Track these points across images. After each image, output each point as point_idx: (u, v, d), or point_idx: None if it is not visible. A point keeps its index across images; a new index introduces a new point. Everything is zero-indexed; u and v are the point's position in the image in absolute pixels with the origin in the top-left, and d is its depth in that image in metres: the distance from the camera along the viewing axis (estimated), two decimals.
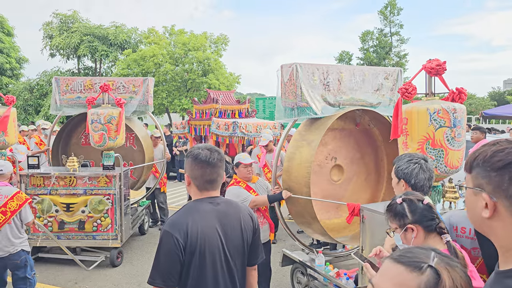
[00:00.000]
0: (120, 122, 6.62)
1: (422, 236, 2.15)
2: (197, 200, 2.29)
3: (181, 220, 2.18)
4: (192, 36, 25.71)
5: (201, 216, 2.20)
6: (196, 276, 2.15)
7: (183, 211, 2.25)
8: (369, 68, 5.43)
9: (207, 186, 2.27)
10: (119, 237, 6.28)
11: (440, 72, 3.50)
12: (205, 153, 2.24)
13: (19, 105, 25.56)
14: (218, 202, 2.30)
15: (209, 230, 2.18)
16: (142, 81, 7.71)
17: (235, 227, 2.29)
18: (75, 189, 6.21)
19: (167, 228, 2.15)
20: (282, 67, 5.01)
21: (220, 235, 2.22)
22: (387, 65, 34.54)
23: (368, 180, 5.79)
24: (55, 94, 7.75)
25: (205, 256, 2.15)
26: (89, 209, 6.20)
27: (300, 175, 4.86)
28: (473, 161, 1.21)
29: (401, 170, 2.73)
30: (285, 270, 5.84)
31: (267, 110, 22.18)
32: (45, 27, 27.89)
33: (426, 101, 3.53)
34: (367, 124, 5.74)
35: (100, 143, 6.59)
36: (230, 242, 2.25)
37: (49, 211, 6.20)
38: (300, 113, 4.85)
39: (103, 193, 6.22)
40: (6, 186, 4.61)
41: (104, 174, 6.22)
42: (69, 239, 6.25)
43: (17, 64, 25.27)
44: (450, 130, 3.36)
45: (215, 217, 2.23)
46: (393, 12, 35.80)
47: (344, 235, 5.29)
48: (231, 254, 2.26)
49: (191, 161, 2.26)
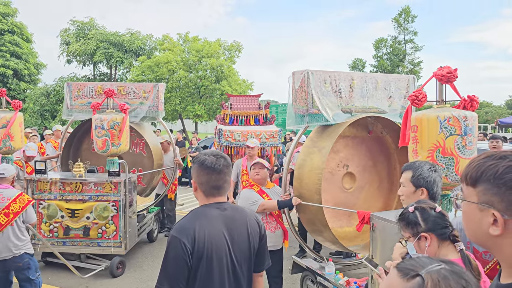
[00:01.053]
0: (123, 128, 6.53)
1: (436, 244, 2.13)
2: (204, 206, 2.29)
3: (188, 225, 2.17)
4: (206, 43, 25.93)
5: (208, 221, 2.20)
6: (203, 281, 2.15)
7: (191, 216, 2.25)
8: (381, 75, 5.41)
9: (214, 192, 2.27)
10: (123, 244, 6.14)
11: (451, 79, 3.46)
12: (211, 160, 2.24)
13: (35, 110, 26.01)
14: (225, 207, 2.30)
15: (216, 235, 2.18)
16: (153, 86, 7.66)
17: (242, 232, 2.29)
18: (81, 195, 6.12)
19: (175, 233, 2.15)
20: (293, 74, 5.03)
21: (227, 240, 2.22)
22: (400, 72, 34.34)
23: (380, 188, 5.73)
24: (67, 100, 7.77)
25: (212, 261, 2.15)
26: (94, 216, 6.10)
27: (311, 182, 4.84)
28: (479, 175, 1.15)
29: (423, 179, 2.68)
30: (294, 277, 5.81)
31: (279, 117, 22.20)
32: (63, 33, 28.45)
33: (437, 109, 3.50)
34: (379, 131, 5.70)
35: (103, 149, 6.53)
36: (236, 247, 2.25)
37: (55, 217, 6.13)
38: (311, 120, 4.85)
39: (108, 200, 6.11)
40: (8, 189, 4.66)
41: (110, 180, 6.12)
42: (75, 245, 6.17)
43: (35, 70, 25.76)
44: (461, 138, 3.32)
45: (222, 222, 2.23)
46: (407, 20, 35.65)
47: (356, 243, 5.24)
48: (238, 259, 2.25)
49: (197, 167, 2.27)
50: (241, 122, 7.84)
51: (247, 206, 4.52)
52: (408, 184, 2.74)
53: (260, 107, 8.13)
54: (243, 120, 7.87)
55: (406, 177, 2.76)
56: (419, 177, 2.69)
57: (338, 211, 5.19)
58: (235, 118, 7.94)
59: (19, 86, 24.64)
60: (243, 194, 4.76)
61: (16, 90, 24.47)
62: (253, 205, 4.57)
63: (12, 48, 23.93)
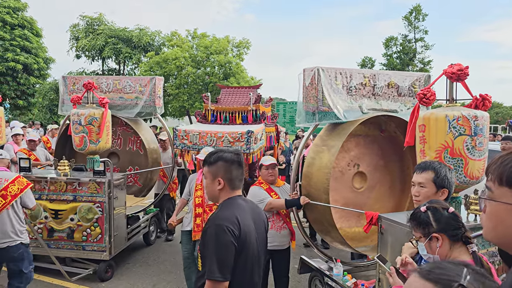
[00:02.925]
0: (102, 124, 6.08)
1: (448, 245, 2.09)
2: (232, 198, 2.37)
3: (229, 213, 2.24)
4: (214, 39, 25.93)
5: (242, 211, 2.30)
6: (240, 268, 2.21)
7: (226, 206, 2.32)
8: (395, 72, 5.27)
9: (239, 185, 2.41)
10: (107, 249, 5.65)
11: (462, 77, 3.35)
12: (233, 156, 2.38)
13: (45, 104, 26.16)
14: (245, 199, 2.46)
15: (248, 224, 2.28)
16: (149, 80, 7.16)
17: (261, 224, 2.43)
18: (65, 194, 5.66)
19: (219, 221, 2.18)
20: (304, 71, 4.94)
21: (255, 229, 2.33)
22: (410, 71, 34.11)
23: (392, 188, 5.62)
24: (63, 94, 7.36)
25: (248, 249, 2.23)
26: (78, 217, 5.65)
27: (319, 181, 4.77)
28: None
29: (447, 179, 2.62)
30: (299, 276, 5.74)
31: (287, 115, 22.19)
32: (72, 29, 28.55)
33: (446, 108, 3.40)
34: (393, 131, 5.58)
35: (80, 147, 6.11)
36: (260, 236, 2.38)
37: (38, 217, 5.72)
38: (321, 117, 4.76)
39: (93, 201, 5.64)
40: (5, 171, 4.49)
41: (93, 180, 5.63)
42: (59, 248, 5.74)
43: (44, 65, 25.85)
44: (470, 138, 3.22)
45: (249, 213, 2.35)
46: (418, 18, 35.37)
47: (365, 244, 5.13)
48: (260, 248, 2.36)
49: (224, 163, 2.36)
50: (225, 120, 6.32)
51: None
52: (430, 185, 2.64)
53: (257, 101, 6.29)
54: (228, 118, 6.32)
55: (427, 177, 2.65)
56: (444, 178, 2.60)
57: (347, 211, 5.10)
58: (219, 114, 6.36)
59: (29, 80, 24.74)
60: (252, 191, 4.73)
61: (25, 84, 24.58)
62: (261, 203, 4.52)
63: (22, 42, 24.04)
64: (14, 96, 24.44)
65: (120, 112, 7.24)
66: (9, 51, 23.41)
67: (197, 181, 5.21)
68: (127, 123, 7.41)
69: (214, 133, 5.48)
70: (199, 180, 5.18)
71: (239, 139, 5.36)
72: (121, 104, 7.23)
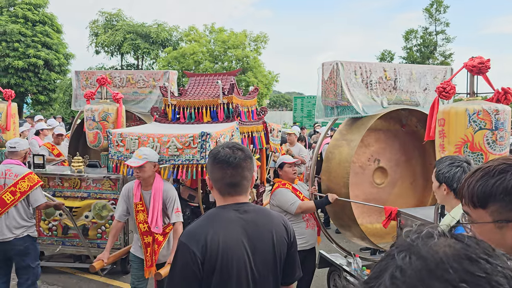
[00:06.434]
0: (118, 120, 5.91)
1: None
2: (220, 207, 1.96)
3: (199, 230, 1.87)
4: (232, 34, 25.91)
5: (223, 226, 1.88)
6: None
7: (203, 219, 1.95)
8: (416, 66, 5.18)
9: (230, 190, 1.94)
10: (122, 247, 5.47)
11: (483, 70, 3.26)
12: (225, 152, 1.91)
13: (65, 100, 26.62)
14: (246, 209, 1.95)
15: (233, 242, 1.85)
16: (163, 74, 6.97)
17: (266, 240, 1.93)
18: (80, 191, 5.57)
19: (184, 239, 1.85)
20: (323, 65, 4.91)
21: (247, 248, 1.87)
22: (431, 64, 33.63)
23: (414, 184, 5.54)
24: (76, 89, 7.21)
25: (228, 274, 1.82)
26: (92, 215, 5.56)
27: (338, 175, 4.74)
28: (487, 196, 1.10)
29: (442, 174, 2.55)
30: (318, 271, 5.78)
31: (305, 109, 22.13)
32: (91, 25, 28.89)
33: (466, 101, 3.33)
34: (414, 125, 5.50)
35: (94, 143, 5.98)
36: (258, 257, 1.90)
37: (53, 215, 5.64)
38: (340, 112, 4.73)
39: (108, 198, 5.54)
40: (18, 165, 4.31)
41: (107, 177, 5.52)
42: (74, 246, 5.72)
43: (64, 60, 26.29)
44: (491, 132, 3.14)
45: (240, 228, 1.89)
46: (439, 10, 34.63)
47: (387, 241, 5.07)
48: (260, 271, 1.90)
49: (211, 161, 1.96)
50: (189, 118, 4.80)
51: (286, 207, 4.35)
52: (434, 180, 2.63)
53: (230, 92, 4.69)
54: (193, 115, 4.79)
55: (433, 172, 2.67)
56: (439, 173, 2.56)
57: (369, 206, 5.06)
58: (182, 111, 4.86)
59: (50, 76, 25.21)
60: (279, 193, 4.47)
61: (46, 80, 25.07)
62: (292, 205, 4.35)
63: (43, 38, 24.48)
64: (36, 91, 24.94)
65: (134, 107, 7.13)
66: (30, 47, 23.86)
67: (135, 198, 3.95)
68: (141, 118, 7.23)
69: (157, 137, 4.03)
70: (137, 197, 3.94)
71: (189, 145, 3.93)
72: (135, 99, 7.11)
